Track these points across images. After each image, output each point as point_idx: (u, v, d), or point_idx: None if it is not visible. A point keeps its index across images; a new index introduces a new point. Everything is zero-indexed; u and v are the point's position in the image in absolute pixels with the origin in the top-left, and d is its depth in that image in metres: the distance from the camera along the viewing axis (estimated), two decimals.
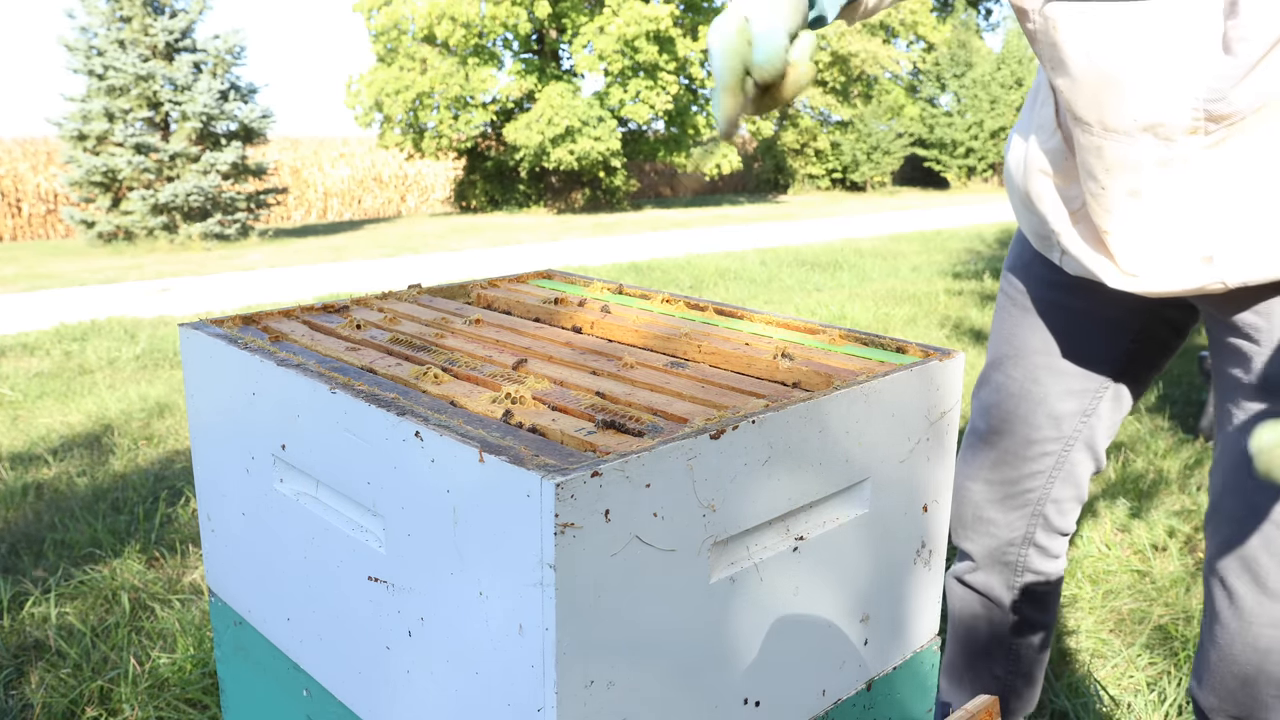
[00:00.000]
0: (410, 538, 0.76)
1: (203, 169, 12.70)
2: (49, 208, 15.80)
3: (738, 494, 0.75)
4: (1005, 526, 1.40)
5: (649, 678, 0.72)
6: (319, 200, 18.74)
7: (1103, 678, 2.05)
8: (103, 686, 2.00)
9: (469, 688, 0.74)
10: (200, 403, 1.04)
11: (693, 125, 18.08)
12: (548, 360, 0.96)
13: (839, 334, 1.04)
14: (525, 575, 0.66)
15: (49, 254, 12.25)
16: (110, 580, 2.47)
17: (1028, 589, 1.45)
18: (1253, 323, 1.06)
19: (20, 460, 3.49)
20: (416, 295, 1.25)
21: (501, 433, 0.75)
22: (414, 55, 16.96)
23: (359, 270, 9.46)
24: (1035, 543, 1.41)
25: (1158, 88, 0.92)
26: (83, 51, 12.53)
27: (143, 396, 4.36)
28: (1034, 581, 1.45)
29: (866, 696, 0.93)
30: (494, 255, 10.72)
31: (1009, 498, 1.38)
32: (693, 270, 8.31)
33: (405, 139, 17.45)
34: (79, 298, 7.83)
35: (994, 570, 1.45)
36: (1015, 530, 1.40)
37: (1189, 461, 3.44)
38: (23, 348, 5.53)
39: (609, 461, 0.66)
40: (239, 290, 8.12)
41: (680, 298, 1.19)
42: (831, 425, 0.82)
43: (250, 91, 13.47)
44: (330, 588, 0.88)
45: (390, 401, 0.79)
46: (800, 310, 6.27)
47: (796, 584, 0.82)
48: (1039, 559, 1.43)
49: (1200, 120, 0.92)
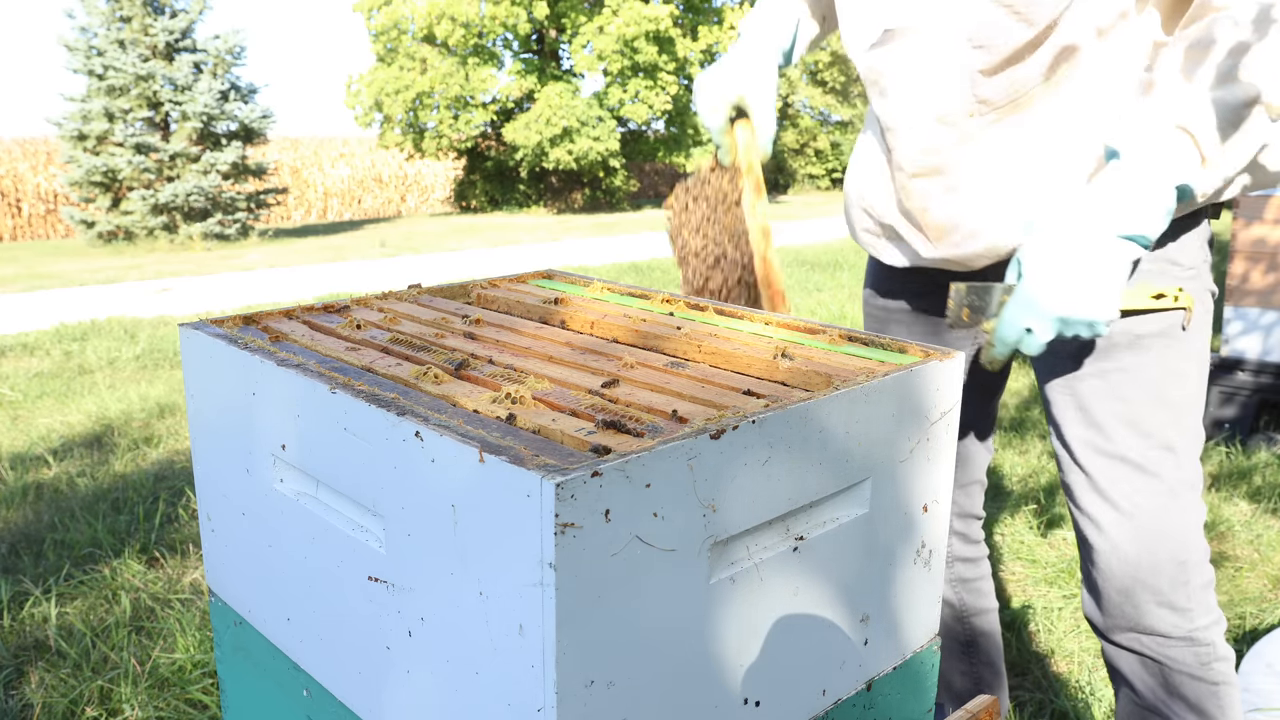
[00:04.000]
0: (410, 538, 0.76)
1: (203, 169, 12.71)
2: (49, 208, 15.81)
3: (738, 494, 0.75)
4: None
5: (649, 678, 0.72)
6: (319, 200, 18.74)
7: (1102, 678, 2.05)
8: (103, 686, 2.00)
9: (469, 688, 0.74)
10: (200, 403, 1.04)
11: (692, 125, 18.08)
12: (548, 360, 0.96)
13: (839, 334, 1.04)
14: (525, 575, 0.66)
15: (49, 254, 12.25)
16: (110, 580, 2.47)
17: (962, 578, 1.65)
18: None
19: (20, 460, 3.49)
20: (416, 295, 1.25)
21: (501, 433, 0.75)
22: (414, 55, 16.97)
23: (359, 270, 9.46)
24: (954, 530, 1.61)
25: (941, 88, 1.23)
26: (83, 51, 12.53)
27: (143, 396, 4.37)
28: (965, 569, 1.64)
29: (866, 696, 0.93)
30: (494, 255, 10.72)
31: None
32: None
33: (405, 139, 17.46)
34: (79, 298, 7.83)
35: None
36: None
37: None
38: (23, 348, 5.53)
39: (609, 461, 0.66)
40: (239, 290, 8.12)
41: (680, 298, 1.19)
42: (831, 425, 0.82)
43: (250, 91, 13.48)
44: (330, 588, 0.88)
45: (390, 401, 0.79)
46: (800, 310, 6.27)
47: (796, 584, 0.82)
48: (962, 545, 1.62)
49: (974, 104, 1.21)
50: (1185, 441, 1.27)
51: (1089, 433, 1.28)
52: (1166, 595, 1.28)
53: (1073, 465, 1.31)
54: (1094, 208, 1.09)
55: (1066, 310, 1.10)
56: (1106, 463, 1.27)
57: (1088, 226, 1.09)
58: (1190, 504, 1.27)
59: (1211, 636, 1.30)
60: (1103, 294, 1.09)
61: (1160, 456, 1.25)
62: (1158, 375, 1.24)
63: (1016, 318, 1.13)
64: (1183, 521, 1.27)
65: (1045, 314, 1.11)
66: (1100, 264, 1.09)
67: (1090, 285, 1.09)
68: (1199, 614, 1.29)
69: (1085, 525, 1.31)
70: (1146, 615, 1.29)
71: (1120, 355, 1.25)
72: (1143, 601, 1.29)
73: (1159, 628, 1.29)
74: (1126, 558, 1.28)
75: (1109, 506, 1.28)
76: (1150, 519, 1.26)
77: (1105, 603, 1.32)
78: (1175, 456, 1.26)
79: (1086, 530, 1.31)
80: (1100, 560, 1.30)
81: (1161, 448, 1.25)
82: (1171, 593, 1.27)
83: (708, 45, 17.34)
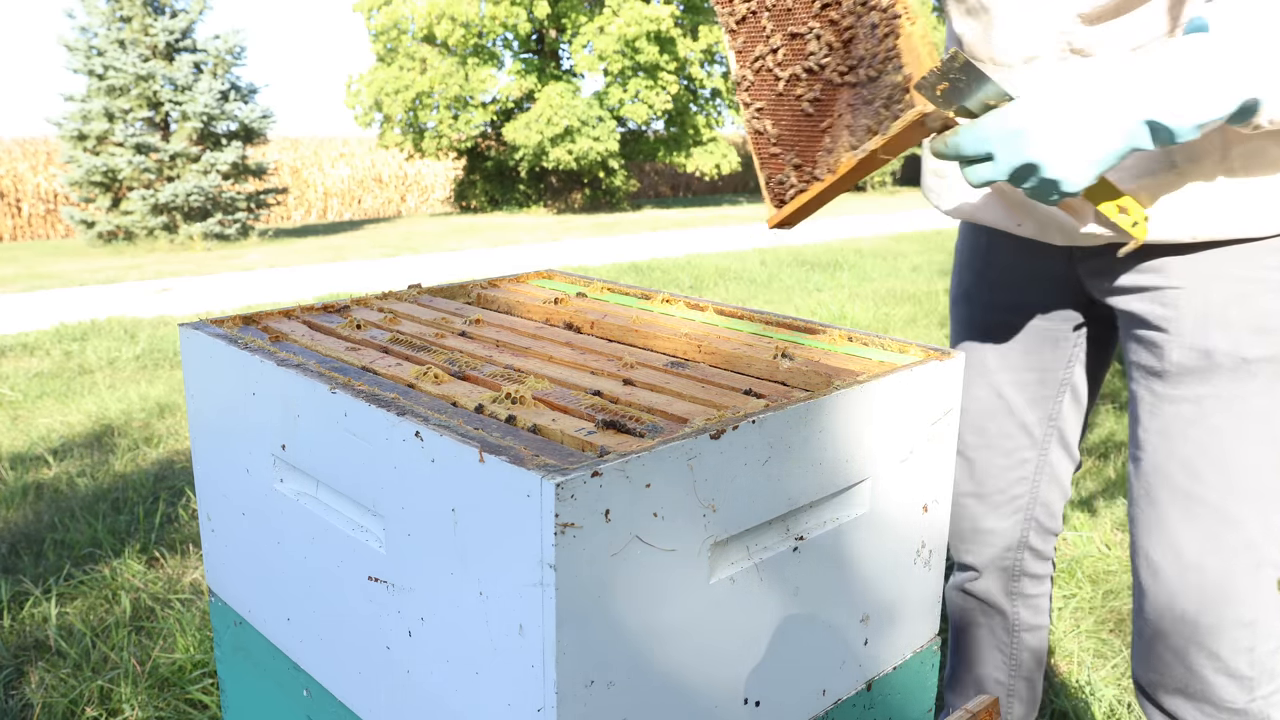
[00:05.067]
0: (410, 538, 0.76)
1: (203, 169, 12.69)
2: (49, 208, 15.80)
3: (738, 494, 0.75)
4: (1002, 534, 1.47)
5: (649, 678, 0.72)
6: (319, 200, 18.73)
7: (1102, 678, 2.05)
8: (103, 686, 2.00)
9: (469, 688, 0.74)
10: (200, 403, 1.04)
11: (692, 125, 18.08)
12: (548, 360, 0.96)
13: (839, 334, 1.04)
14: (525, 575, 0.66)
15: (49, 254, 12.24)
16: (110, 580, 2.47)
17: (1024, 593, 1.52)
18: (1161, 314, 1.14)
19: (20, 460, 3.49)
20: (416, 295, 1.25)
21: (501, 433, 0.75)
22: (414, 55, 16.95)
23: (359, 270, 9.46)
24: (1030, 545, 1.47)
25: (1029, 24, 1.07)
26: (83, 51, 12.52)
27: (143, 396, 4.36)
28: (1029, 584, 1.51)
29: (866, 696, 0.93)
30: (494, 255, 10.72)
31: (1001, 506, 1.45)
32: (693, 270, 8.31)
33: (405, 139, 17.44)
34: (79, 298, 7.82)
35: (994, 577, 1.50)
36: (1012, 536, 1.47)
37: None
38: (23, 348, 5.52)
39: (609, 461, 0.66)
40: (239, 290, 8.12)
41: (680, 298, 1.19)
42: (831, 425, 0.82)
43: (250, 91, 13.46)
44: (330, 588, 0.88)
45: (390, 401, 0.79)
46: (800, 310, 6.27)
47: (796, 584, 0.82)
48: (1033, 561, 1.50)
49: (1066, 53, 1.06)
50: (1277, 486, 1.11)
51: (1169, 463, 1.13)
52: (1226, 661, 1.13)
53: (1143, 495, 1.17)
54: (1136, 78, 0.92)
55: (1040, 156, 0.94)
56: (1182, 500, 1.13)
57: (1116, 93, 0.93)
58: (1271, 559, 1.13)
59: (1269, 709, 1.16)
60: (1086, 159, 0.94)
61: (1246, 502, 1.10)
62: (1261, 408, 1.09)
63: (986, 134, 0.95)
64: (1256, 579, 1.12)
65: (1016, 149, 0.95)
66: (1103, 132, 0.93)
67: (1079, 145, 0.94)
68: (1261, 683, 1.14)
69: (1142, 568, 1.18)
70: (1201, 681, 1.15)
71: (1220, 381, 1.10)
72: (1199, 665, 1.15)
73: (1213, 695, 1.15)
74: (1185, 613, 1.14)
75: (1171, 551, 1.14)
76: (1219, 573, 1.12)
77: (1155, 660, 1.19)
78: (1262, 503, 1.10)
79: (1141, 573, 1.18)
80: (1152, 611, 1.17)
81: (1250, 492, 1.10)
82: (1233, 659, 1.13)
83: (708, 45, 17.33)
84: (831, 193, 1.06)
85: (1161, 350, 1.14)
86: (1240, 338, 1.09)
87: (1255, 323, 1.09)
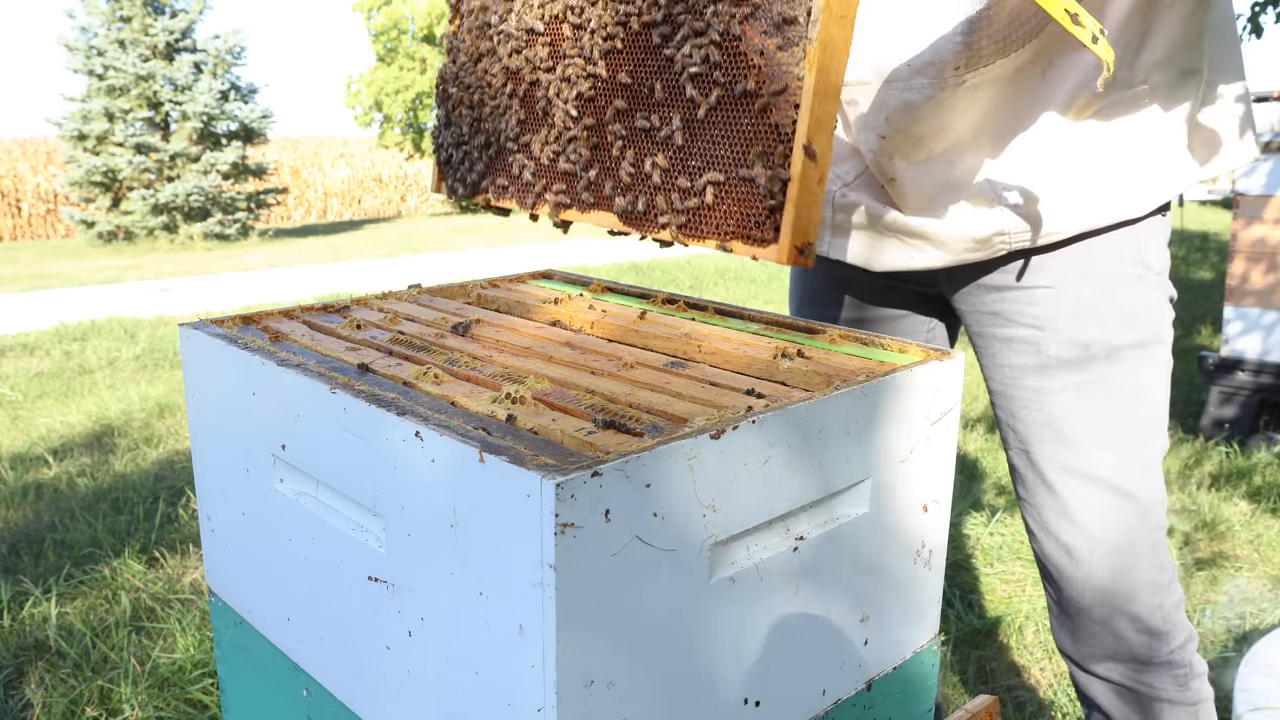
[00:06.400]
0: (410, 538, 0.76)
1: (203, 169, 12.70)
2: (49, 208, 15.80)
3: (738, 494, 0.75)
4: None
5: (649, 678, 0.72)
6: (319, 200, 18.73)
7: None
8: (103, 686, 2.00)
9: (469, 688, 0.74)
10: (200, 403, 1.04)
11: None
12: (548, 360, 0.96)
13: (839, 334, 1.04)
14: (525, 575, 0.66)
15: (49, 254, 12.24)
16: (110, 580, 2.47)
17: None
18: (1034, 313, 1.22)
19: (20, 460, 3.49)
20: (416, 295, 1.25)
21: (501, 433, 0.75)
22: (414, 55, 16.96)
23: (359, 270, 9.46)
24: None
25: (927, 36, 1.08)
26: (83, 51, 12.53)
27: (143, 396, 4.37)
28: None
29: (866, 696, 0.93)
30: (494, 255, 10.72)
31: None
32: (693, 270, 8.31)
33: (405, 139, 17.46)
34: (79, 298, 7.83)
35: None
36: None
37: (1188, 461, 3.45)
38: (23, 348, 5.53)
39: (609, 461, 0.66)
40: (239, 290, 8.12)
41: (680, 298, 1.19)
42: (831, 425, 0.82)
43: (250, 91, 13.47)
44: (330, 588, 0.88)
45: (390, 401, 0.79)
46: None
47: (796, 584, 0.82)
48: None
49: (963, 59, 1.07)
50: (1155, 456, 1.23)
51: (1059, 450, 1.22)
52: (1144, 620, 1.23)
53: (1039, 485, 1.25)
54: None
55: None
56: (1078, 483, 1.21)
57: None
58: (1160, 521, 1.24)
59: (1188, 656, 1.26)
60: None
61: (1134, 474, 1.21)
62: (1133, 388, 1.20)
63: None
64: (1153, 541, 1.22)
65: None
66: None
67: None
68: (1176, 634, 1.25)
69: (1054, 552, 1.25)
70: (1126, 643, 1.25)
71: (1096, 367, 1.19)
72: (1122, 629, 1.24)
73: (1139, 654, 1.25)
74: (1103, 585, 1.22)
75: (1080, 531, 1.22)
76: (1124, 542, 1.21)
77: (1082, 633, 1.27)
78: (1147, 473, 1.22)
79: (1055, 557, 1.25)
80: (1072, 589, 1.25)
81: (1135, 465, 1.21)
82: (1149, 617, 1.23)
83: None
84: (816, 136, 0.81)
85: (1037, 346, 1.22)
86: (1111, 327, 1.19)
87: (1123, 313, 1.19)
